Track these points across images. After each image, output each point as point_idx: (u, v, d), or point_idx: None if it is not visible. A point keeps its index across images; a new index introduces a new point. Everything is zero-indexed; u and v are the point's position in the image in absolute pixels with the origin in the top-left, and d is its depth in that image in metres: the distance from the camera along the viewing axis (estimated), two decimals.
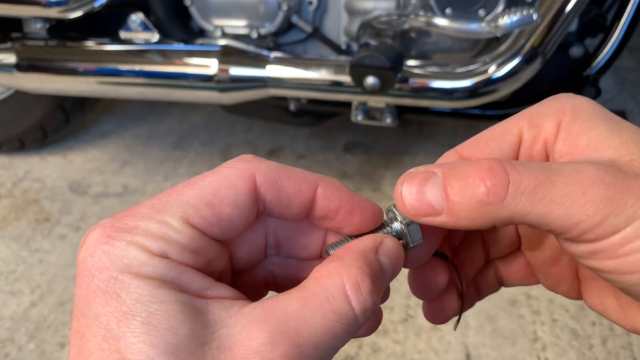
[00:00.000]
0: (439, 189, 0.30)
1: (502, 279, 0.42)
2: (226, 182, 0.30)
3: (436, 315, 0.39)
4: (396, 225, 0.34)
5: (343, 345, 0.29)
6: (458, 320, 0.40)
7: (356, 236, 0.33)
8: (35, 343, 1.15)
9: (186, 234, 0.28)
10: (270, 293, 0.35)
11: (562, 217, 0.28)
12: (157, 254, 0.27)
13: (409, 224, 0.33)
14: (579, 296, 0.39)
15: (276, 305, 0.27)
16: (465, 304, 0.40)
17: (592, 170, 0.28)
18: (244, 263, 0.35)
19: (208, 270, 0.30)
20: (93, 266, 0.27)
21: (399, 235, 0.34)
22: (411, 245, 0.34)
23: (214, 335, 0.26)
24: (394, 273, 0.32)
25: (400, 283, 1.26)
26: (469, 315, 1.18)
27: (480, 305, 1.20)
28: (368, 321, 0.30)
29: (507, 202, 0.28)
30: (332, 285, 0.28)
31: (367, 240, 0.32)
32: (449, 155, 0.36)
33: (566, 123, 0.32)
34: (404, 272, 0.38)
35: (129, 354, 0.25)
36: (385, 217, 0.35)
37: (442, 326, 1.16)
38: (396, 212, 0.34)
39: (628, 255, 0.27)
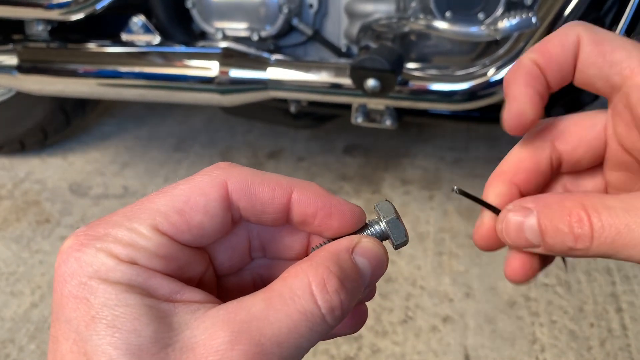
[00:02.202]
0: (535, 230, 0.32)
1: None
2: (197, 190, 0.31)
3: (523, 274, 0.39)
4: (378, 226, 0.34)
5: (312, 345, 0.29)
6: (564, 262, 0.41)
7: (338, 238, 0.34)
8: (36, 344, 1.16)
9: (155, 241, 0.29)
10: None
11: None
12: (125, 260, 0.28)
13: (389, 222, 0.34)
14: None
15: (240, 306, 0.28)
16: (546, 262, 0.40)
17: None
18: (228, 267, 0.35)
19: (183, 275, 0.31)
20: (66, 272, 0.28)
21: (382, 236, 0.34)
22: (395, 245, 0.34)
23: (178, 337, 0.27)
24: (375, 272, 0.32)
25: (400, 284, 1.27)
26: (468, 316, 1.19)
27: (479, 306, 1.21)
28: (344, 320, 0.30)
29: (591, 250, 0.31)
30: (297, 284, 0.29)
31: (343, 242, 0.32)
32: (569, 40, 0.34)
33: None
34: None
35: (94, 355, 0.26)
36: (373, 217, 0.35)
37: (441, 327, 1.16)
38: (379, 211, 0.34)
39: None
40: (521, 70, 0.33)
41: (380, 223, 0.34)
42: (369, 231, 0.34)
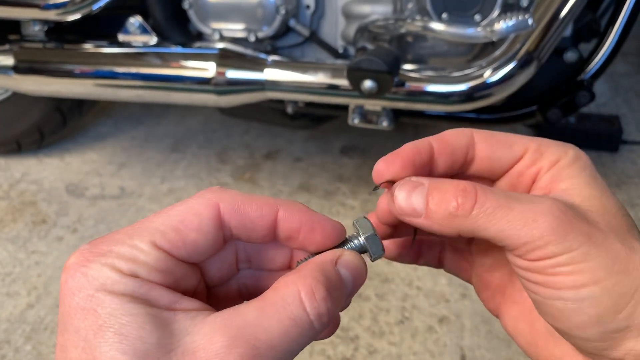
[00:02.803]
0: (422, 197, 0.36)
1: (443, 262, 0.46)
2: (192, 210, 0.33)
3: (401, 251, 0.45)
4: (358, 241, 0.37)
5: (302, 348, 0.31)
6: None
7: (322, 252, 0.36)
8: (32, 345, 1.16)
9: (154, 256, 0.32)
10: None
11: (514, 236, 0.33)
12: (128, 273, 0.31)
13: (368, 238, 0.37)
14: (496, 312, 0.43)
15: (236, 313, 0.31)
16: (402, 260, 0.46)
17: (546, 203, 0.33)
18: (217, 279, 0.38)
19: (179, 288, 0.33)
20: (74, 286, 0.30)
21: (361, 249, 0.37)
22: (373, 257, 0.37)
23: (179, 342, 0.29)
24: (356, 283, 0.35)
25: (397, 285, 1.27)
26: (464, 317, 1.19)
27: (475, 307, 1.21)
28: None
29: (471, 217, 0.34)
30: (288, 293, 0.31)
31: (327, 255, 0.35)
32: (464, 132, 0.39)
33: (561, 164, 0.37)
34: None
35: None
36: (352, 232, 0.38)
37: (437, 328, 1.17)
38: (358, 227, 0.37)
39: (555, 275, 0.33)
40: (414, 143, 0.38)
41: (360, 238, 0.37)
42: (349, 245, 0.37)
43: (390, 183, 0.38)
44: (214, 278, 0.37)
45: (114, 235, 0.33)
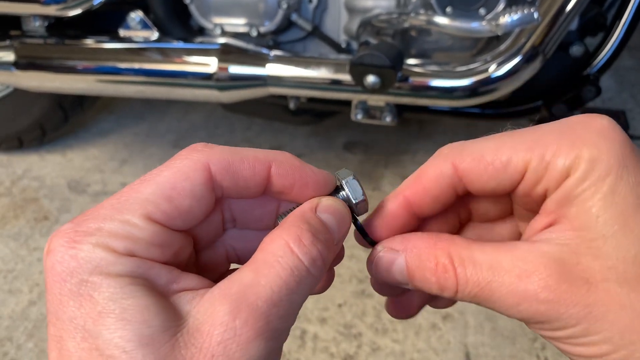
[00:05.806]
0: (402, 272, 0.34)
1: None
2: (182, 175, 0.31)
3: (400, 311, 0.42)
4: (343, 191, 0.36)
5: (303, 299, 0.31)
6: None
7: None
8: (34, 342, 1.15)
9: (149, 231, 0.30)
10: (233, 266, 0.37)
11: (506, 313, 0.32)
12: (124, 253, 0.29)
13: (347, 182, 0.36)
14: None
15: (232, 280, 0.29)
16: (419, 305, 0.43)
17: (533, 280, 0.30)
18: (206, 242, 0.37)
19: (177, 260, 0.32)
20: (63, 271, 0.28)
21: (346, 200, 0.36)
22: (354, 202, 0.36)
23: (184, 324, 0.28)
24: (341, 226, 0.34)
25: None
26: (468, 314, 1.18)
27: None
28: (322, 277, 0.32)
29: (455, 298, 0.33)
30: (277, 247, 0.30)
31: (306, 204, 0.34)
32: (443, 165, 0.34)
33: (570, 183, 0.30)
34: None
35: (107, 349, 0.27)
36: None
37: (441, 325, 1.16)
38: (338, 176, 0.36)
39: (576, 346, 0.31)
40: (389, 205, 0.36)
41: (342, 187, 0.36)
42: (337, 196, 0.37)
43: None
44: (203, 241, 0.36)
45: (98, 211, 0.30)
